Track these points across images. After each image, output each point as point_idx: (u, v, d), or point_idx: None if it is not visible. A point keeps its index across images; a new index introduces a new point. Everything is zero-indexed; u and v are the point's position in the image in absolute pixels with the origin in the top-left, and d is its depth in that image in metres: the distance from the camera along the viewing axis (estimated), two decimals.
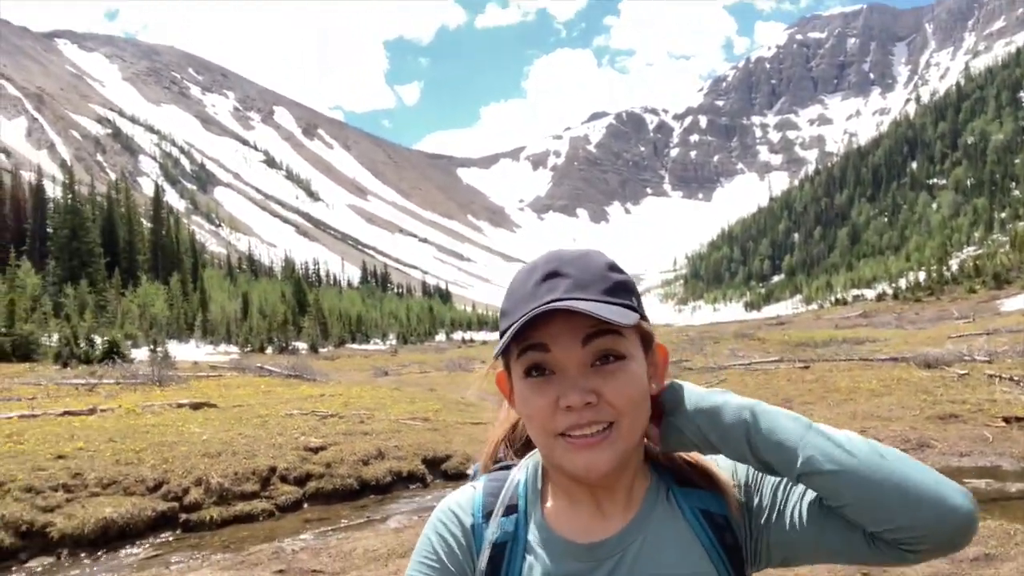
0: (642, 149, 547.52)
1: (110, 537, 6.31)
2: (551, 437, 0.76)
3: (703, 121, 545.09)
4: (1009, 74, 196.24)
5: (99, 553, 6.12)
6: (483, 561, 0.81)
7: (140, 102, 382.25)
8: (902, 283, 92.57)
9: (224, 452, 7.62)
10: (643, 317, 0.81)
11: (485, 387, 0.90)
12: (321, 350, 55.09)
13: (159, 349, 31.19)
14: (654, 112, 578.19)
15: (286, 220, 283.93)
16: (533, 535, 0.82)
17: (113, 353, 28.56)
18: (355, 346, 65.51)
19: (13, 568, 5.90)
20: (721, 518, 0.81)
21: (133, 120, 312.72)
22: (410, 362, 32.15)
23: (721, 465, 0.84)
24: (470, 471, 0.93)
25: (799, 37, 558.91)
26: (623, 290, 0.79)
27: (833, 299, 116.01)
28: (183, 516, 6.72)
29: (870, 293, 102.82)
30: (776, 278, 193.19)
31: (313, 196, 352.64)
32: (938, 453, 7.31)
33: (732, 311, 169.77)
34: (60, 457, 7.17)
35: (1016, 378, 10.66)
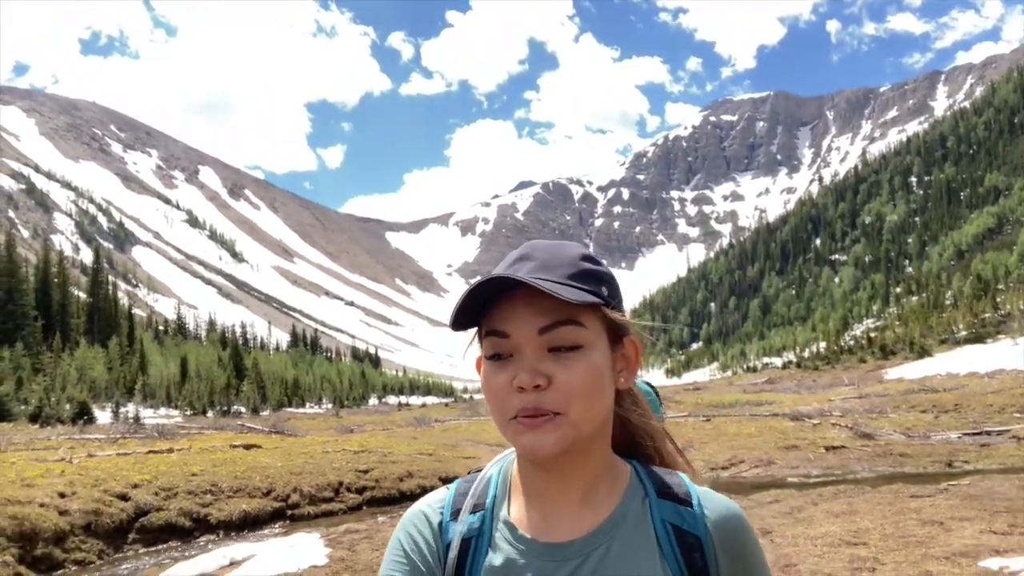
0: (568, 218, 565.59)
1: (247, 523, 9.54)
2: (506, 420, 0.79)
3: (625, 193, 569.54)
4: (901, 160, 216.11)
5: (243, 532, 9.31)
6: (451, 556, 0.83)
7: (57, 158, 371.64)
8: (807, 352, 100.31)
9: (303, 472, 10.91)
10: (611, 307, 0.82)
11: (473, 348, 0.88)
12: (262, 413, 56.44)
13: (124, 410, 32.89)
14: (579, 183, 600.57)
15: (208, 281, 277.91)
16: (498, 532, 0.84)
17: (83, 414, 30.34)
18: (293, 410, 66.63)
19: (190, 540, 9.03)
20: (693, 537, 0.81)
21: (49, 176, 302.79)
22: (363, 423, 34.79)
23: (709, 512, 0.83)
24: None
25: (712, 119, 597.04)
26: (591, 277, 0.81)
27: (746, 366, 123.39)
28: (289, 512, 9.99)
29: (779, 361, 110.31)
30: (695, 346, 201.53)
31: (237, 257, 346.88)
32: (778, 467, 11.34)
33: (654, 377, 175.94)
34: (194, 475, 10.31)
35: (849, 426, 14.97)
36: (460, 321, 0.81)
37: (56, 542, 7.78)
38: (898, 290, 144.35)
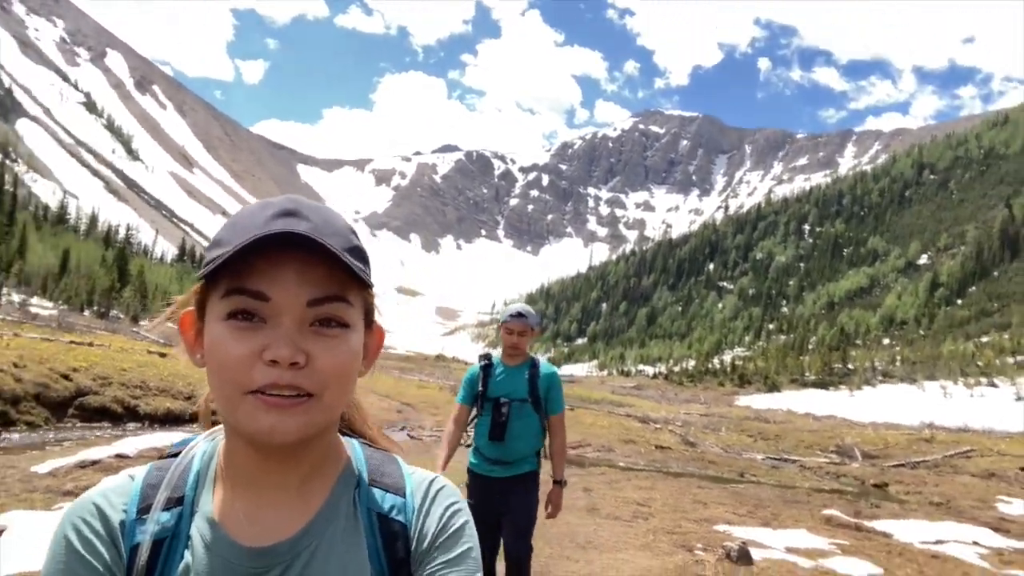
0: (484, 191, 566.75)
1: (169, 419, 11.11)
2: (240, 394, 0.66)
3: (545, 179, 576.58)
4: (800, 207, 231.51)
5: (167, 426, 10.89)
6: (140, 562, 0.69)
7: None
8: (679, 367, 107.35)
9: None
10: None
11: (169, 325, 0.76)
12: (141, 322, 55.55)
13: (4, 292, 32.24)
14: (502, 159, 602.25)
15: (96, 172, 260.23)
16: (197, 531, 0.72)
17: None
18: (173, 325, 65.52)
19: (121, 425, 10.53)
20: (398, 525, 0.76)
21: None
22: None
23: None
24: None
25: (641, 127, 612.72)
26: (360, 255, 0.73)
27: (622, 370, 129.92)
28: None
29: (651, 370, 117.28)
30: (580, 340, 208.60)
31: (133, 154, 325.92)
32: (615, 454, 13.98)
33: None
34: (124, 370, 11.71)
35: (681, 434, 17.93)
36: (213, 268, 0.66)
37: (13, 403, 9.15)
38: (771, 326, 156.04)
